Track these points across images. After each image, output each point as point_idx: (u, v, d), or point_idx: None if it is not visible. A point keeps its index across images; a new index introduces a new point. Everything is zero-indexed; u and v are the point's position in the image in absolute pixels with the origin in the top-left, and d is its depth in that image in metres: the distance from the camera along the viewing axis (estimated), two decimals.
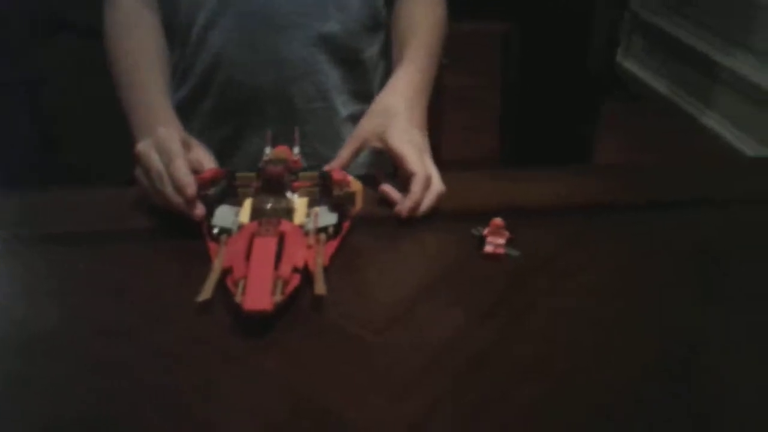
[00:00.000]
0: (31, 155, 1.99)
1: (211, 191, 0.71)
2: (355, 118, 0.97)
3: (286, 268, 0.60)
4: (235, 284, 0.59)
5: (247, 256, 0.62)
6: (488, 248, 0.69)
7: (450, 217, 0.76)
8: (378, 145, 0.79)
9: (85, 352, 0.56)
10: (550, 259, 0.70)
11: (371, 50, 0.97)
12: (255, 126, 0.94)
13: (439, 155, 1.17)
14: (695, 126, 2.80)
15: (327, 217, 0.71)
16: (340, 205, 0.71)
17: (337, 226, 0.70)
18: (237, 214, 0.70)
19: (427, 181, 0.74)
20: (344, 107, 0.97)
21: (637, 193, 0.84)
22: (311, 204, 0.72)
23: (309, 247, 0.66)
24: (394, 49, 0.95)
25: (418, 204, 0.73)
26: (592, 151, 1.37)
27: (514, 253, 0.69)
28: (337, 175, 0.73)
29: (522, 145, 1.36)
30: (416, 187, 0.74)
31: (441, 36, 0.95)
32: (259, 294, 0.57)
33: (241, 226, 0.68)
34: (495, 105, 1.41)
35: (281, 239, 0.64)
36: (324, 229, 0.69)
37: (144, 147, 0.72)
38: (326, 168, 0.76)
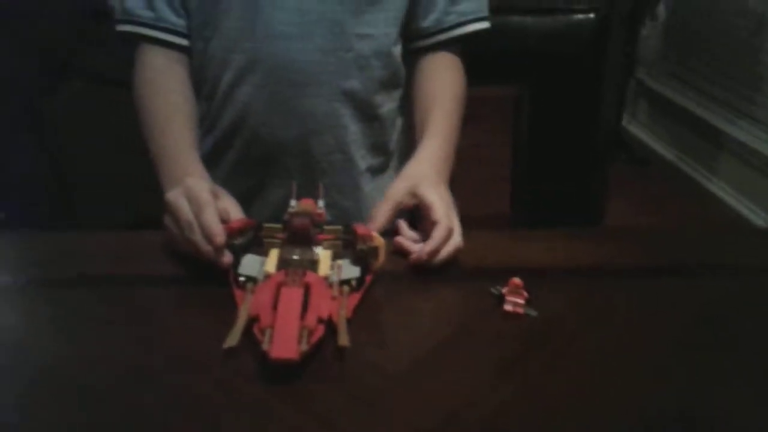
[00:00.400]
0: (41, 197, 2.02)
1: (239, 241, 0.73)
2: (372, 171, 1.01)
3: (311, 319, 0.61)
4: (262, 332, 0.60)
5: (274, 305, 0.63)
6: (508, 307, 0.70)
7: (468, 274, 0.77)
8: (410, 201, 0.81)
9: (111, 397, 0.57)
10: (564, 320, 0.71)
11: (389, 106, 1.01)
12: (277, 177, 0.97)
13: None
14: (700, 192, 2.83)
15: (350, 270, 0.73)
16: (363, 258, 0.73)
17: (360, 279, 0.71)
18: (263, 264, 0.72)
19: (449, 231, 0.76)
20: (363, 160, 1.00)
21: (646, 256, 0.85)
22: (335, 257, 0.74)
23: (333, 298, 0.67)
24: (416, 111, 0.98)
25: (437, 251, 0.75)
26: (603, 212, 1.39)
27: (533, 313, 0.70)
28: (361, 230, 0.75)
29: (533, 205, 1.39)
30: (437, 233, 0.76)
31: (463, 104, 0.98)
32: (285, 343, 0.58)
33: (267, 276, 0.69)
34: (505, 165, 1.44)
35: (306, 290, 0.65)
36: (347, 282, 0.71)
37: (174, 196, 0.74)
38: (370, 227, 0.78)
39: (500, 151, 1.46)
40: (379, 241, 0.74)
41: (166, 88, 0.95)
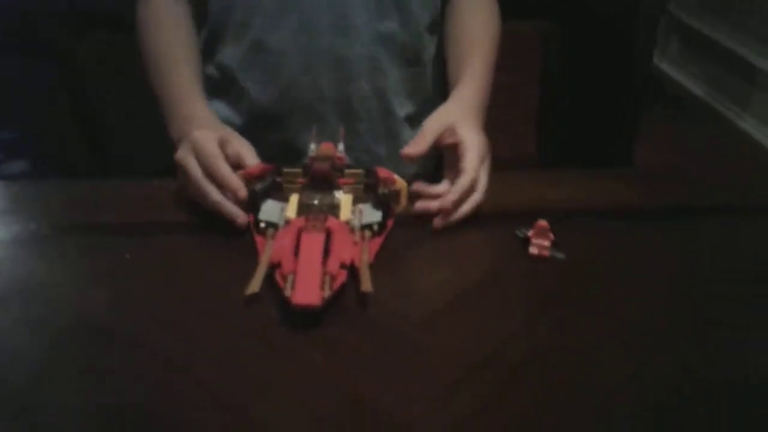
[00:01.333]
0: (73, 148, 2.02)
1: (258, 186, 0.72)
2: (411, 119, 0.97)
3: (334, 264, 0.61)
4: (284, 278, 0.60)
5: (295, 251, 0.62)
6: (533, 250, 0.69)
7: (492, 217, 0.75)
8: (448, 139, 0.77)
9: (137, 342, 0.57)
10: (593, 262, 0.69)
11: (429, 51, 0.97)
12: (311, 125, 0.93)
13: None
14: (733, 130, 2.76)
15: (371, 214, 0.72)
16: (385, 202, 0.72)
17: (382, 224, 0.70)
18: (283, 209, 0.71)
19: (472, 184, 0.74)
20: (401, 107, 0.96)
21: (676, 197, 0.83)
22: (356, 201, 0.73)
23: (354, 243, 0.66)
24: (450, 53, 0.94)
25: (458, 202, 0.73)
26: (632, 152, 1.36)
27: (560, 255, 0.68)
28: (383, 173, 0.74)
29: (561, 145, 1.36)
30: (460, 184, 0.73)
31: (498, 46, 0.94)
32: (308, 289, 0.57)
33: (287, 221, 0.68)
34: (532, 103, 1.40)
35: (328, 235, 0.64)
36: (368, 226, 0.70)
37: (182, 155, 0.73)
38: (403, 153, 0.75)
39: (527, 89, 1.42)
40: (401, 183, 0.73)
41: (169, 22, 0.92)
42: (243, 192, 0.70)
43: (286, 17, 0.89)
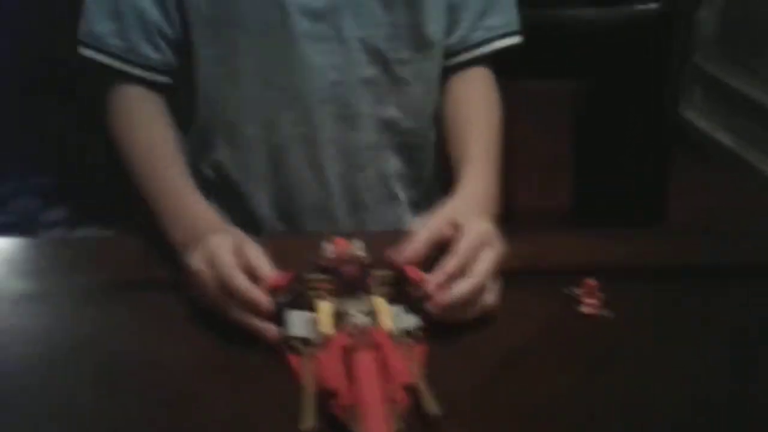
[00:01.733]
0: (111, 193, 2.07)
1: (282, 299, 0.65)
2: (414, 204, 0.96)
3: (397, 389, 0.56)
4: (344, 409, 0.55)
5: (347, 374, 0.57)
6: (585, 309, 0.71)
7: (539, 274, 0.77)
8: (448, 231, 0.70)
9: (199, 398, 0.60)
10: (642, 321, 0.71)
11: (431, 137, 0.96)
12: (315, 217, 0.91)
13: (515, 208, 1.20)
14: (760, 178, 2.76)
15: (407, 319, 0.66)
16: (420, 304, 0.66)
17: (421, 327, 0.65)
18: (313, 321, 0.65)
19: (461, 267, 0.66)
20: (404, 192, 0.95)
21: (720, 256, 0.83)
22: (388, 302, 0.68)
23: (405, 357, 0.61)
24: (449, 139, 0.90)
25: (439, 286, 0.65)
26: (665, 207, 1.38)
27: (610, 315, 0.70)
28: (413, 274, 0.67)
29: (593, 198, 1.38)
30: (448, 264, 0.66)
31: (500, 130, 0.90)
32: (379, 423, 0.53)
33: (325, 338, 0.63)
34: (565, 158, 1.43)
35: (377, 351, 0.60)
36: (408, 332, 0.65)
37: (198, 267, 0.67)
38: (397, 258, 0.69)
39: (558, 145, 1.45)
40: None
41: (148, 118, 0.87)
42: (268, 306, 0.63)
43: (284, 112, 0.87)
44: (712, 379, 0.63)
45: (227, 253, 0.66)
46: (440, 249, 0.69)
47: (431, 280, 0.65)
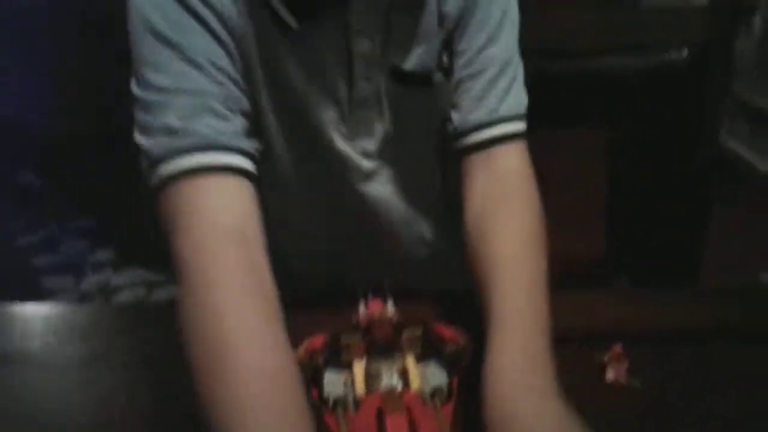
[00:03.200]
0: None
1: (321, 359, 0.69)
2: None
3: None
4: None
5: None
6: (610, 376, 0.72)
7: (565, 338, 0.78)
8: None
9: None
10: (667, 391, 0.71)
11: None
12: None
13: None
14: None
15: (436, 376, 0.69)
16: (451, 361, 0.69)
17: (449, 386, 0.67)
18: (346, 381, 0.68)
19: None
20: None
21: (756, 320, 0.83)
22: (417, 359, 0.70)
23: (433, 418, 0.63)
24: (473, 271, 0.74)
25: None
26: (702, 260, 1.38)
27: (636, 383, 0.71)
28: (446, 332, 0.70)
29: (629, 250, 1.38)
30: None
31: (543, 256, 0.73)
32: None
33: (359, 399, 0.65)
34: (602, 206, 1.44)
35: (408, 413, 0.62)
36: (438, 390, 0.66)
37: None
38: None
39: (594, 192, 1.46)
40: (465, 339, 0.69)
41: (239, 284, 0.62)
42: None
43: (336, 223, 0.88)
44: None
45: None
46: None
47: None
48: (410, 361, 0.69)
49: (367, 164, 0.84)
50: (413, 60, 0.79)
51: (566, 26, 1.52)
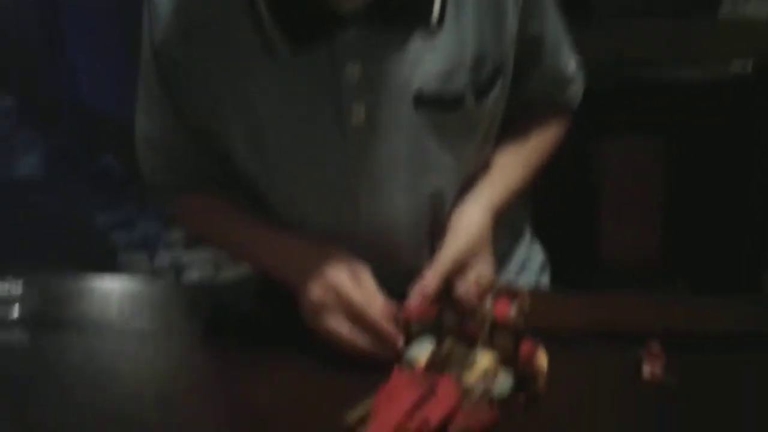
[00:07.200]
0: None
1: (415, 327, 0.74)
2: None
3: (414, 422, 0.63)
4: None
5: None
6: (646, 374, 0.74)
7: (608, 336, 0.80)
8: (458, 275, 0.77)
9: None
10: (704, 391, 0.73)
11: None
12: None
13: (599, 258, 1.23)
14: None
15: (502, 386, 0.70)
16: (522, 380, 0.70)
17: (505, 399, 0.69)
18: (428, 352, 0.72)
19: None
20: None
21: None
22: (502, 362, 0.71)
23: (459, 410, 0.66)
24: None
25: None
26: (759, 276, 1.37)
27: (671, 381, 0.73)
28: (526, 350, 0.70)
29: (682, 258, 1.38)
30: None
31: (544, 150, 0.93)
32: None
33: (411, 366, 0.71)
34: (656, 215, 1.44)
35: (432, 392, 0.66)
36: (491, 397, 0.68)
37: (322, 301, 0.74)
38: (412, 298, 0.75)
39: (649, 201, 1.45)
40: (541, 367, 0.70)
41: (215, 204, 0.90)
42: (399, 344, 0.72)
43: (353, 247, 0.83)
44: None
45: (354, 290, 0.73)
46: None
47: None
48: (486, 358, 0.70)
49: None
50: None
51: (642, 36, 1.53)
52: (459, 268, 0.77)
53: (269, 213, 0.88)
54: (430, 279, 0.75)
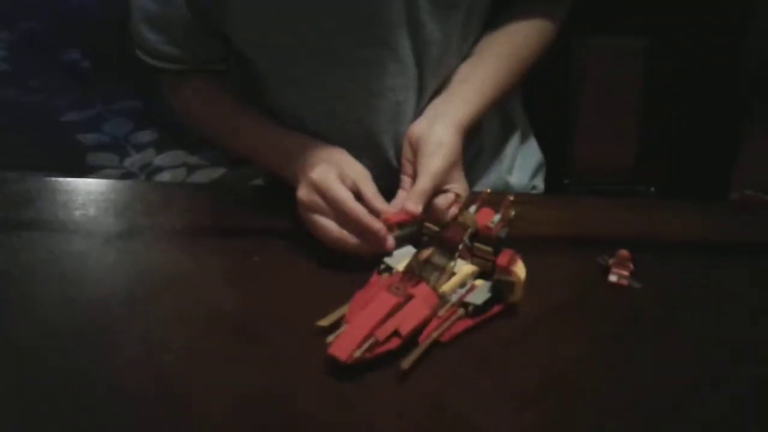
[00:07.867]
0: None
1: (397, 233, 0.75)
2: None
3: (384, 330, 0.63)
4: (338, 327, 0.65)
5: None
6: (612, 278, 0.75)
7: (578, 242, 0.81)
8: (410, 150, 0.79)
9: (260, 338, 0.69)
10: (668, 295, 0.74)
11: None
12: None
13: (574, 167, 1.22)
14: None
15: (478, 295, 0.70)
16: (499, 289, 0.70)
17: (480, 308, 0.69)
18: (407, 258, 0.72)
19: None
20: None
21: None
22: (482, 275, 0.72)
23: (432, 317, 0.67)
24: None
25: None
26: (731, 179, 1.37)
27: (636, 284, 0.74)
28: (503, 261, 0.69)
29: (658, 162, 1.38)
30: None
31: (533, 48, 0.91)
32: (345, 344, 0.62)
33: (395, 273, 0.71)
34: (634, 119, 1.42)
35: (408, 300, 0.66)
36: (466, 305, 0.69)
37: (309, 199, 0.75)
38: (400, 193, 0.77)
39: (627, 105, 1.44)
40: (518, 277, 0.69)
41: (213, 95, 0.93)
42: (384, 231, 0.73)
43: (367, 150, 0.87)
44: (718, 355, 0.67)
45: (336, 184, 0.74)
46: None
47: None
48: (466, 268, 0.71)
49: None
50: None
51: None
52: (436, 192, 0.77)
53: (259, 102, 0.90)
54: (411, 207, 0.75)
